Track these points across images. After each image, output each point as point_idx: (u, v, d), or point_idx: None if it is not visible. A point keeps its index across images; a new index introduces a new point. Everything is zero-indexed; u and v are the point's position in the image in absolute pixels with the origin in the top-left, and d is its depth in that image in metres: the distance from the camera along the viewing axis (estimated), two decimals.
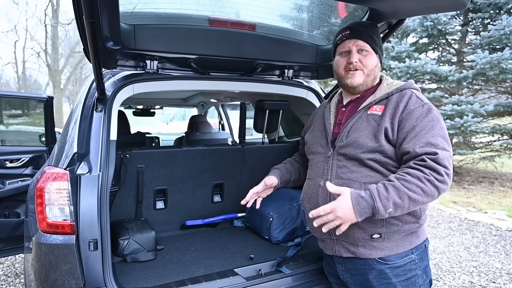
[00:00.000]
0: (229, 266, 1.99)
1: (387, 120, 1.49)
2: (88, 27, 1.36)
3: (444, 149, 1.40)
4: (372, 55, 1.60)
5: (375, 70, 1.61)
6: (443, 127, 1.46)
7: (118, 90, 1.87)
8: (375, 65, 1.61)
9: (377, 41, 1.63)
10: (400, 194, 1.34)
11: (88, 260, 1.60)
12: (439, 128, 1.44)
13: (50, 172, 1.63)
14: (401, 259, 1.51)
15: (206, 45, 1.99)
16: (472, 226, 5.28)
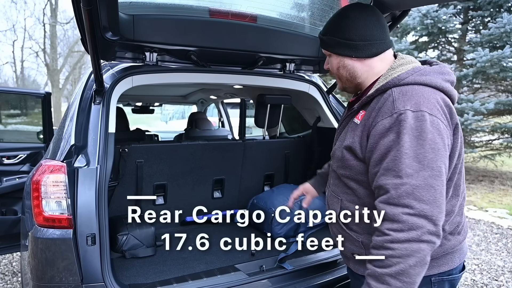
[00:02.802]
0: (230, 262, 1.95)
1: (358, 132, 1.24)
2: (86, 15, 1.33)
3: (408, 176, 1.08)
4: (331, 58, 1.35)
5: (342, 71, 1.33)
6: (416, 146, 1.10)
7: (117, 82, 1.83)
8: (337, 67, 1.33)
9: (330, 40, 1.32)
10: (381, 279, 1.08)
11: (86, 255, 1.56)
12: (409, 149, 1.09)
13: (47, 164, 1.59)
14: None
15: (207, 37, 1.96)
16: (473, 225, 5.26)
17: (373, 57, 1.29)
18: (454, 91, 1.25)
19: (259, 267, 1.87)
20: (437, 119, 1.11)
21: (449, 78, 1.25)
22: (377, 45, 1.28)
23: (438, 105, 1.15)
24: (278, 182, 2.71)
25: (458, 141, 1.20)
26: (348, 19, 1.29)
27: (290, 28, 2.16)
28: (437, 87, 1.19)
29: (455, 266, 1.28)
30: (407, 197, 1.07)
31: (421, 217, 1.06)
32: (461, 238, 1.31)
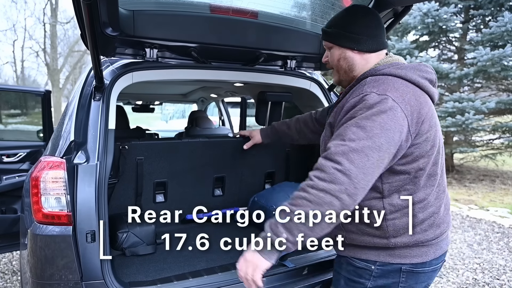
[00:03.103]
0: (231, 260, 1.93)
1: (337, 112, 1.36)
2: (86, 10, 1.32)
3: (350, 140, 1.16)
4: (332, 49, 1.46)
5: (342, 62, 1.44)
6: (368, 120, 1.18)
7: (117, 79, 1.82)
8: (338, 58, 1.44)
9: (335, 32, 1.43)
10: (288, 215, 1.17)
11: (86, 252, 1.54)
12: (360, 120, 1.19)
13: (46, 160, 1.58)
14: (361, 262, 1.39)
15: (207, 33, 1.94)
16: (474, 224, 5.25)
17: (371, 53, 1.42)
18: (431, 88, 1.36)
19: None
20: (398, 106, 1.21)
21: (426, 75, 1.36)
22: (376, 42, 1.42)
23: (406, 96, 1.25)
24: (279, 180, 2.69)
25: (431, 134, 1.30)
26: (354, 16, 1.44)
27: (292, 24, 2.14)
28: (411, 81, 1.31)
29: (428, 260, 1.35)
30: (341, 155, 1.15)
31: (345, 175, 1.13)
32: (438, 232, 1.36)
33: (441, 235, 1.37)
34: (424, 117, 1.28)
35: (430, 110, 1.33)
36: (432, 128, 1.31)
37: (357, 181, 1.13)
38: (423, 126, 1.27)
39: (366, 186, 1.16)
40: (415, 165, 1.28)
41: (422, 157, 1.29)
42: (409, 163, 1.28)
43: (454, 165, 8.80)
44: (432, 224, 1.35)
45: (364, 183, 1.15)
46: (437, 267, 1.41)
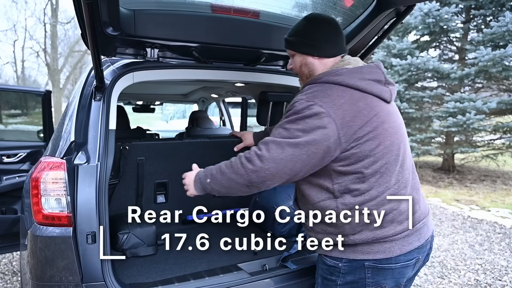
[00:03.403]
0: (233, 261, 1.92)
1: None
2: (86, 10, 1.30)
3: (274, 135, 1.37)
4: (295, 57, 1.58)
5: (303, 68, 1.55)
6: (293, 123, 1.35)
7: (118, 79, 1.80)
8: (300, 64, 1.56)
9: (296, 40, 1.55)
10: (217, 168, 1.46)
11: (86, 253, 1.53)
12: (286, 123, 1.37)
13: (46, 161, 1.57)
14: (331, 260, 1.48)
15: (209, 33, 1.93)
16: (475, 224, 5.23)
17: (330, 58, 1.52)
18: (377, 88, 1.42)
19: (262, 266, 1.84)
20: (324, 112, 1.32)
21: (370, 77, 1.42)
22: (334, 47, 1.52)
23: (337, 102, 1.34)
24: None
25: (375, 134, 1.35)
26: (313, 24, 1.53)
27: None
28: (348, 86, 1.39)
29: (393, 256, 1.38)
30: (263, 144, 1.36)
31: (259, 159, 1.33)
32: (400, 229, 1.38)
33: (404, 231, 1.39)
34: (363, 119, 1.34)
35: (375, 110, 1.38)
36: (378, 128, 1.36)
37: (267, 167, 1.32)
38: (363, 128, 1.34)
39: (277, 175, 1.32)
40: (359, 165, 1.35)
41: (366, 157, 1.35)
42: (352, 164, 1.35)
43: (455, 165, 8.78)
44: (391, 220, 1.38)
45: (274, 171, 1.32)
46: (408, 263, 1.42)
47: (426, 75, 8.02)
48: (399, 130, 1.45)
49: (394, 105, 1.53)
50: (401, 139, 1.45)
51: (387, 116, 1.41)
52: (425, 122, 8.27)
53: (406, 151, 1.47)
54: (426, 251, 1.51)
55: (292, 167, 1.32)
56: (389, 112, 1.44)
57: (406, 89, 7.95)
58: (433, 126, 8.03)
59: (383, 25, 2.07)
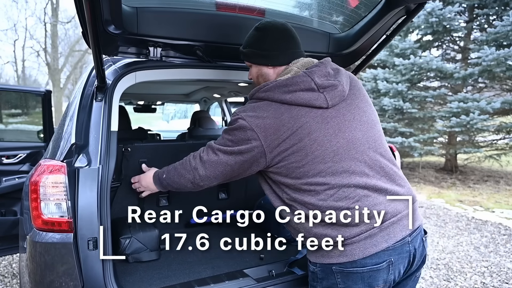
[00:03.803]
0: (238, 267, 1.87)
1: None
2: (88, 7, 1.25)
3: (216, 140, 1.52)
4: (252, 68, 1.61)
5: (260, 79, 1.59)
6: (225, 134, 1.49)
7: (120, 78, 1.75)
8: (256, 75, 1.60)
9: (250, 52, 1.57)
10: (173, 164, 1.62)
11: (87, 260, 1.48)
12: (223, 131, 1.51)
13: (46, 164, 1.51)
14: (311, 266, 1.49)
15: (213, 31, 1.88)
16: (480, 225, 5.18)
17: (283, 65, 1.53)
18: (303, 97, 1.40)
19: (268, 272, 1.79)
20: (248, 125, 1.40)
21: (296, 87, 1.41)
22: (287, 54, 1.52)
23: (261, 116, 1.40)
24: None
25: (301, 146, 1.37)
26: (264, 33, 1.53)
27: (299, 22, 2.07)
28: (273, 100, 1.43)
29: (356, 259, 1.34)
30: (206, 147, 1.54)
31: (200, 161, 1.52)
32: (357, 231, 1.34)
33: (360, 234, 1.35)
34: (287, 132, 1.38)
35: (300, 121, 1.38)
36: (303, 139, 1.37)
37: (204, 168, 1.50)
38: (287, 141, 1.38)
39: (211, 175, 1.51)
40: (293, 176, 1.39)
41: (296, 168, 1.38)
42: (287, 175, 1.41)
43: (458, 165, 8.73)
44: (351, 224, 1.35)
45: (208, 172, 1.50)
46: (378, 267, 1.35)
47: (428, 74, 7.96)
48: (341, 134, 1.40)
49: (342, 107, 1.45)
50: (341, 143, 1.39)
51: (320, 124, 1.39)
52: (428, 122, 8.22)
53: (353, 155, 1.40)
54: (407, 254, 1.40)
55: (223, 170, 1.48)
56: (324, 118, 1.40)
57: (409, 88, 7.90)
58: (436, 126, 7.99)
59: (392, 23, 2.02)
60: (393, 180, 1.45)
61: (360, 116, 1.47)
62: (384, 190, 1.40)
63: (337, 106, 1.44)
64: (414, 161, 8.93)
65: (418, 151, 7.63)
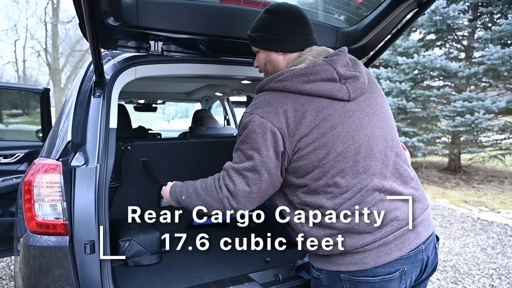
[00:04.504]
0: (243, 271, 1.79)
1: None
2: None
3: (234, 162, 1.34)
4: (259, 54, 1.47)
5: (268, 67, 1.45)
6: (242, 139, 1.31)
7: (119, 73, 1.67)
8: (264, 62, 1.45)
9: (258, 35, 1.42)
10: (193, 187, 1.43)
11: (84, 264, 1.40)
12: (238, 142, 1.33)
13: (40, 163, 1.43)
14: (315, 272, 1.39)
15: (216, 24, 1.80)
16: (486, 226, 5.10)
17: (294, 52, 1.39)
18: (324, 88, 1.28)
19: (275, 276, 1.71)
20: (267, 122, 1.25)
21: (316, 77, 1.28)
22: (299, 41, 1.38)
23: (280, 110, 1.26)
24: None
25: (323, 141, 1.25)
26: (275, 16, 1.38)
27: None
28: (291, 91, 1.28)
29: (368, 268, 1.26)
30: (226, 173, 1.34)
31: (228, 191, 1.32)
32: (371, 239, 1.26)
33: (377, 241, 1.26)
34: (309, 125, 1.25)
35: (322, 114, 1.26)
36: (326, 134, 1.25)
37: (237, 200, 1.31)
38: (309, 136, 1.25)
39: (248, 202, 1.31)
40: (309, 176, 1.27)
41: (316, 168, 1.26)
42: (303, 176, 1.28)
43: (461, 165, 8.65)
44: (365, 231, 1.26)
45: (244, 201, 1.31)
46: (391, 277, 1.27)
47: (432, 74, 7.89)
48: (363, 130, 1.29)
49: (362, 100, 1.34)
50: (363, 140, 1.28)
51: (343, 118, 1.27)
52: (431, 122, 8.15)
53: (373, 154, 1.29)
54: (420, 262, 1.33)
55: (258, 190, 1.30)
56: (346, 112, 1.28)
57: (412, 88, 7.82)
58: (440, 125, 7.92)
59: (402, 17, 1.94)
60: (407, 183, 1.36)
61: (379, 112, 1.36)
62: (399, 193, 1.31)
63: (358, 99, 1.32)
64: (417, 161, 8.85)
65: (421, 151, 7.56)
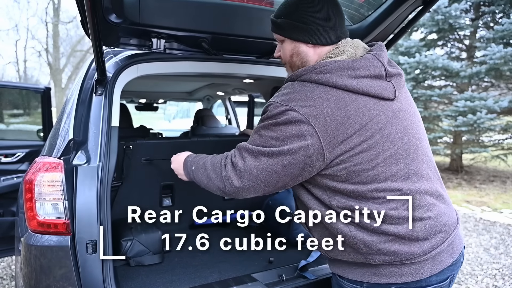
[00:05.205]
0: (246, 271, 1.78)
1: None
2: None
3: (249, 142, 1.23)
4: (285, 43, 1.30)
5: (295, 58, 1.29)
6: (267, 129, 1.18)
7: (121, 71, 1.65)
8: (291, 53, 1.29)
9: (286, 23, 1.25)
10: (204, 159, 1.37)
11: (86, 264, 1.38)
12: (261, 128, 1.21)
13: (42, 161, 1.41)
14: (349, 284, 1.27)
15: (219, 22, 1.78)
16: (488, 226, 5.08)
17: (327, 46, 1.24)
18: (372, 86, 1.16)
19: (278, 276, 1.69)
20: (302, 118, 1.11)
21: (364, 72, 1.16)
22: (334, 32, 1.23)
23: (320, 106, 1.12)
24: None
25: (371, 143, 1.13)
26: (308, 2, 1.22)
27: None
28: (335, 86, 1.14)
29: (422, 278, 1.18)
30: (238, 150, 1.23)
31: (233, 167, 1.22)
32: (428, 246, 1.17)
33: (434, 249, 1.18)
34: (354, 126, 1.12)
35: (370, 114, 1.14)
36: (374, 136, 1.13)
37: (240, 178, 1.20)
38: (354, 138, 1.12)
39: (250, 186, 1.20)
40: (357, 180, 1.14)
41: (363, 171, 1.13)
42: (346, 180, 1.15)
43: (463, 165, 8.62)
44: (420, 238, 1.17)
45: (247, 183, 1.19)
46: (442, 284, 1.22)
47: (433, 73, 7.86)
48: (410, 131, 1.21)
49: (402, 99, 1.24)
50: (412, 141, 1.20)
51: (390, 118, 1.17)
52: (433, 122, 8.13)
53: (420, 156, 1.22)
54: (460, 264, 1.30)
55: (266, 178, 1.17)
56: (393, 112, 1.18)
57: (414, 87, 7.80)
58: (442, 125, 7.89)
59: (407, 14, 1.92)
60: (442, 184, 1.31)
61: (415, 111, 1.28)
62: (442, 196, 1.25)
63: (399, 98, 1.22)
64: None
65: None
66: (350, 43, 1.24)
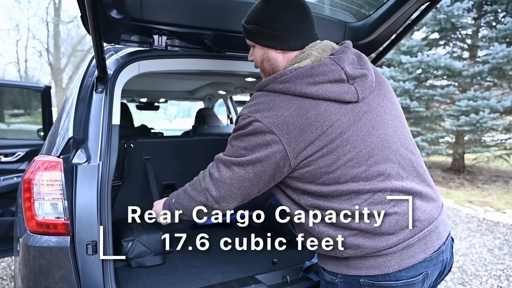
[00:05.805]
0: (249, 272, 1.75)
1: None
2: None
3: (224, 154, 1.28)
4: (256, 49, 1.34)
5: (265, 64, 1.33)
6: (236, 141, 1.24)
7: (122, 68, 1.62)
8: (261, 59, 1.32)
9: (255, 29, 1.28)
10: (183, 188, 1.38)
11: (86, 265, 1.35)
12: (232, 137, 1.27)
13: (41, 160, 1.38)
14: (328, 275, 1.32)
15: (222, 18, 1.75)
16: (492, 227, 5.05)
17: (295, 51, 1.28)
18: (332, 90, 1.19)
19: (283, 278, 1.66)
20: (267, 128, 1.17)
21: (323, 78, 1.19)
22: (301, 37, 1.27)
23: (281, 115, 1.17)
24: None
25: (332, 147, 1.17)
26: (275, 8, 1.25)
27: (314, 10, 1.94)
28: (295, 94, 1.19)
29: (390, 272, 1.20)
30: (215, 162, 1.29)
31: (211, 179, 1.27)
32: (394, 240, 1.19)
33: (398, 244, 1.19)
34: (315, 132, 1.16)
35: (330, 119, 1.18)
36: (335, 140, 1.17)
37: (217, 188, 1.26)
38: (315, 143, 1.17)
39: (227, 196, 1.26)
40: (320, 182, 1.20)
41: (324, 174, 1.19)
42: (310, 182, 1.22)
43: (465, 165, 8.59)
44: (386, 232, 1.20)
45: (223, 192, 1.25)
46: (414, 280, 1.21)
47: (435, 73, 7.83)
48: (375, 132, 1.22)
49: (371, 99, 1.25)
50: (375, 143, 1.21)
51: (352, 122, 1.19)
52: (435, 121, 8.09)
53: (387, 156, 1.22)
54: (441, 264, 1.27)
55: (240, 186, 1.24)
56: (355, 115, 1.20)
57: (416, 87, 7.76)
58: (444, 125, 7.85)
59: (413, 11, 1.89)
60: (424, 180, 1.30)
61: (390, 109, 1.28)
62: (419, 193, 1.25)
63: (367, 99, 1.24)
64: None
65: (425, 151, 7.50)
66: (316, 46, 1.26)
